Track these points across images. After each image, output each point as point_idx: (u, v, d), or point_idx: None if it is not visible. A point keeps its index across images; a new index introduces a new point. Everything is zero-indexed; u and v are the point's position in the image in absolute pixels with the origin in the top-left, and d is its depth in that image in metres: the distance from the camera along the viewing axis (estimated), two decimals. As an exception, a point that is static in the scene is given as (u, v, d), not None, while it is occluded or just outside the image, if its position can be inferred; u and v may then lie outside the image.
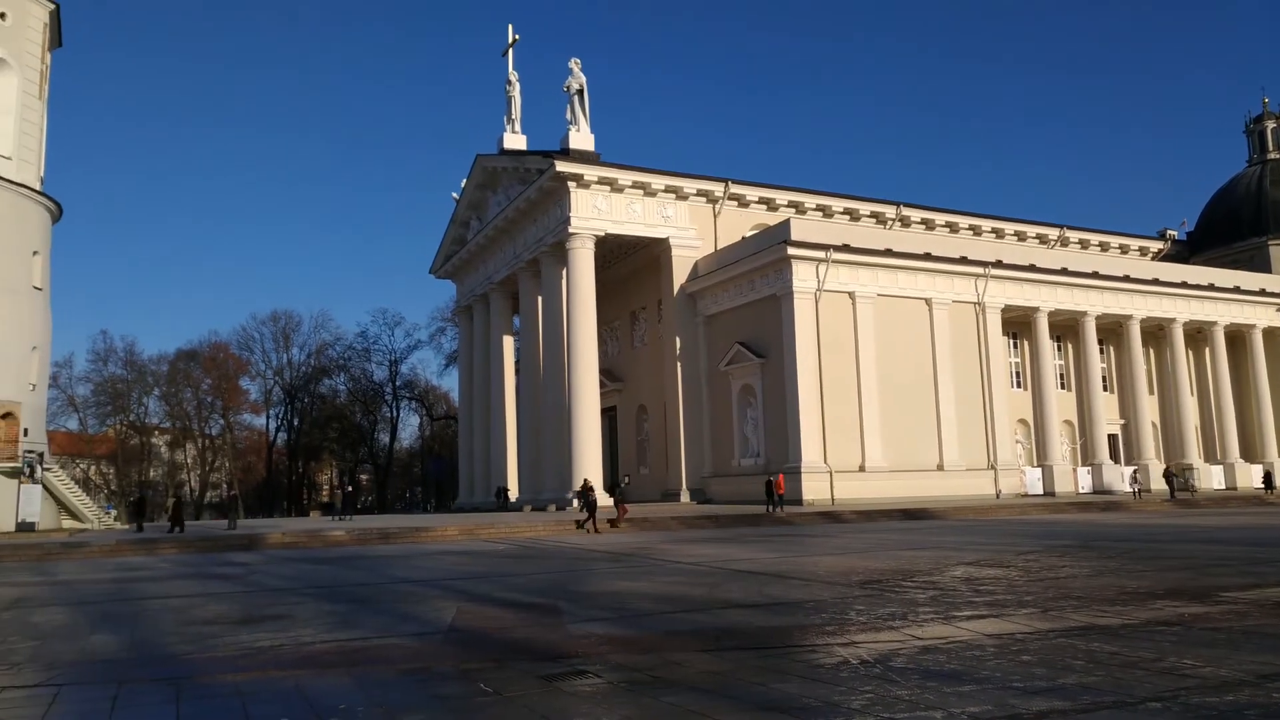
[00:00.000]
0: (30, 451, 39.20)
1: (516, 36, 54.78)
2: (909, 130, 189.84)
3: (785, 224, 43.01)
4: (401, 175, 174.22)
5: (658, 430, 52.06)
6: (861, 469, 41.33)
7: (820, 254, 41.40)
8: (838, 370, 41.54)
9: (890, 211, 53.47)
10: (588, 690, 5.79)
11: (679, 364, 47.78)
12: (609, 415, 55.35)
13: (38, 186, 42.75)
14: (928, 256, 44.90)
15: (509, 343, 59.43)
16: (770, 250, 42.02)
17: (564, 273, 47.59)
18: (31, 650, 8.12)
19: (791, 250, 40.93)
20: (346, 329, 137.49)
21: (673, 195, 48.16)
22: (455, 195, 60.61)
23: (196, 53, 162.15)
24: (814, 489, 39.90)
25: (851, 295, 42.50)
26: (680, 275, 48.06)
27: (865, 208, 53.09)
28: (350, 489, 49.87)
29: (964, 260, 45.75)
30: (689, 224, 48.58)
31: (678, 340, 47.91)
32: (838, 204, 52.36)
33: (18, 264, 40.76)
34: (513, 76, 55.20)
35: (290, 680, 6.34)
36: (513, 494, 54.68)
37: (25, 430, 40.05)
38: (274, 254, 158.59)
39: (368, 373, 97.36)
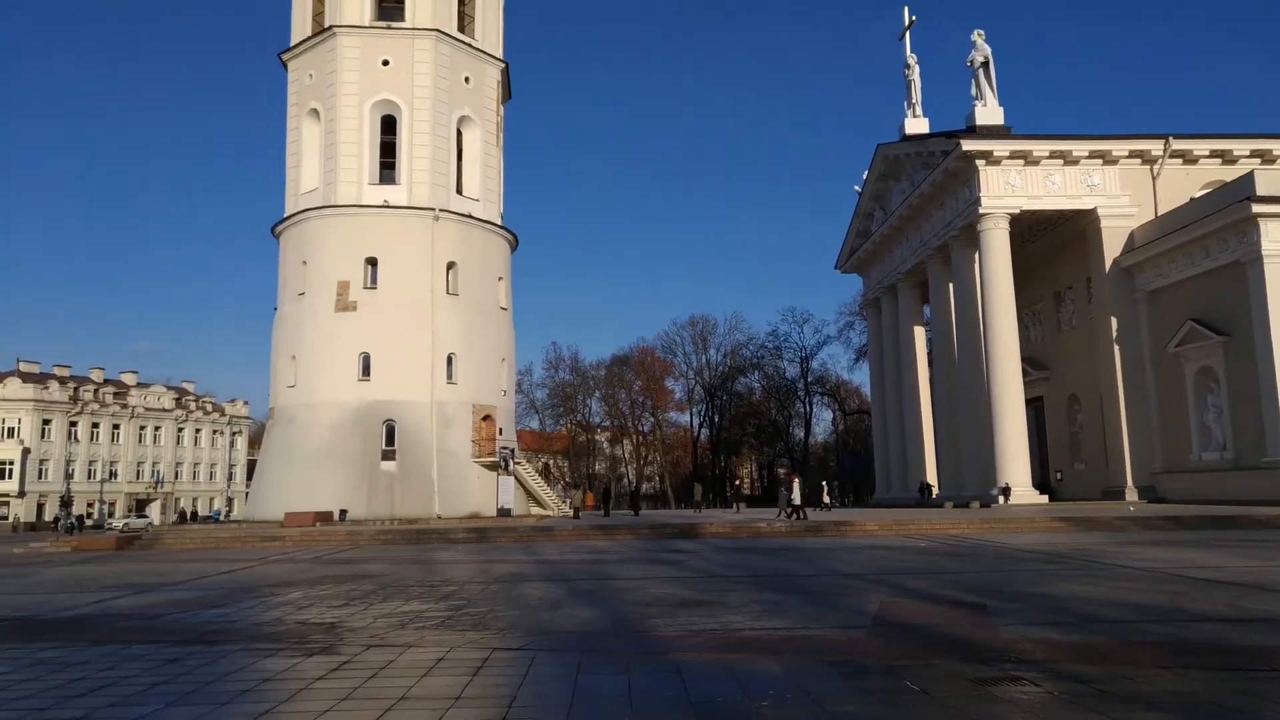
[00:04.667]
0: (504, 448, 46.38)
1: (913, 18, 53.28)
2: None
3: (1247, 177, 36.80)
4: (804, 172, 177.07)
5: (1093, 421, 47.25)
6: (1372, 463, 34.00)
7: (1298, 207, 34.80)
8: (1330, 345, 34.58)
9: (1401, 145, 43.36)
10: (1024, 698, 5.45)
11: (1116, 347, 42.98)
12: (1034, 406, 51.44)
13: (499, 222, 50.22)
14: None
15: (920, 334, 57.73)
16: (1228, 210, 36.21)
17: (976, 256, 45.24)
18: (516, 618, 9.56)
19: (1257, 208, 34.91)
20: (758, 329, 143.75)
21: (1099, 160, 43.49)
22: (857, 188, 60.29)
23: (607, 56, 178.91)
24: (1303, 487, 33.63)
25: (1345, 253, 35.12)
26: (1112, 248, 43.21)
27: (1363, 144, 43.65)
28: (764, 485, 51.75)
29: None
30: (1120, 190, 43.53)
31: (1113, 321, 43.11)
32: (1321, 144, 43.65)
33: (488, 289, 48.35)
34: (911, 60, 53.71)
35: (722, 663, 6.76)
36: (933, 489, 53.10)
37: (500, 430, 47.37)
38: (689, 261, 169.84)
39: (780, 370, 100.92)
